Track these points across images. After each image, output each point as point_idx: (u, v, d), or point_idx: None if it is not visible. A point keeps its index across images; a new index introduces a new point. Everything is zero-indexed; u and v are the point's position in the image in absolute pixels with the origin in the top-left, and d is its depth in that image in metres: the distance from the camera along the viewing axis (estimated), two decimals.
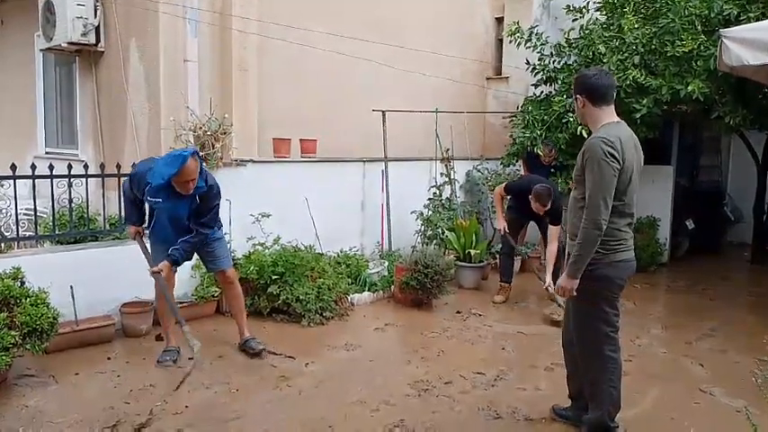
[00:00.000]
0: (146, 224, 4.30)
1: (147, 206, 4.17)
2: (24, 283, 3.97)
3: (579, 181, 3.02)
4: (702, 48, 5.62)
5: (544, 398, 3.85)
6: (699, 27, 5.77)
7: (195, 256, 4.40)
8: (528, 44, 7.31)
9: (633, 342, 4.89)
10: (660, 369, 4.42)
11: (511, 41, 7.50)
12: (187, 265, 5.18)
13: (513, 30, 7.33)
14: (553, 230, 5.70)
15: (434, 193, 7.15)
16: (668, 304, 6.47)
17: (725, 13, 5.62)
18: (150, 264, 4.14)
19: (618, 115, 3.10)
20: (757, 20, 5.25)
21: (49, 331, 3.82)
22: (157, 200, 3.95)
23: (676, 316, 5.87)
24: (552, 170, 6.97)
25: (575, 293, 3.02)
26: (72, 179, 4.79)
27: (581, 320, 3.16)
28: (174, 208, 4.01)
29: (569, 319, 3.29)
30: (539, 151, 6.85)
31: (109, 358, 4.29)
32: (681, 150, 8.18)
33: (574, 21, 7.18)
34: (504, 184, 6.16)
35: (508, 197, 6.20)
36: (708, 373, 4.33)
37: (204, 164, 4.04)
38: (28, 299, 3.81)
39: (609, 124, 3.00)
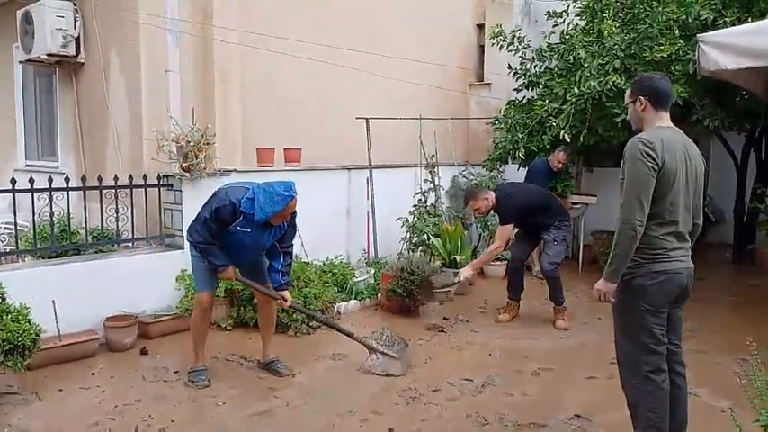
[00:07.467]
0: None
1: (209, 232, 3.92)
2: (5, 298, 3.91)
3: (622, 185, 2.87)
4: (681, 52, 5.70)
5: (531, 403, 3.87)
6: (677, 32, 5.85)
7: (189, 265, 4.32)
8: (510, 47, 7.35)
9: None
10: None
11: (493, 44, 7.54)
12: (171, 277, 5.17)
13: (496, 32, 7.37)
14: (500, 230, 5.52)
15: (419, 199, 7.16)
16: None
17: (702, 18, 5.70)
18: (274, 295, 4.23)
19: (600, 119, 3.04)
20: (733, 24, 5.34)
21: (32, 347, 3.76)
22: (247, 230, 3.88)
23: None
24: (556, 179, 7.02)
25: (611, 300, 2.91)
26: (53, 192, 4.74)
27: (620, 334, 3.02)
28: (259, 237, 3.94)
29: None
30: (560, 152, 6.69)
31: (93, 373, 4.24)
32: None
33: (554, 26, 7.25)
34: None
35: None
36: (692, 373, 4.36)
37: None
38: (9, 315, 3.75)
39: (658, 128, 2.87)
